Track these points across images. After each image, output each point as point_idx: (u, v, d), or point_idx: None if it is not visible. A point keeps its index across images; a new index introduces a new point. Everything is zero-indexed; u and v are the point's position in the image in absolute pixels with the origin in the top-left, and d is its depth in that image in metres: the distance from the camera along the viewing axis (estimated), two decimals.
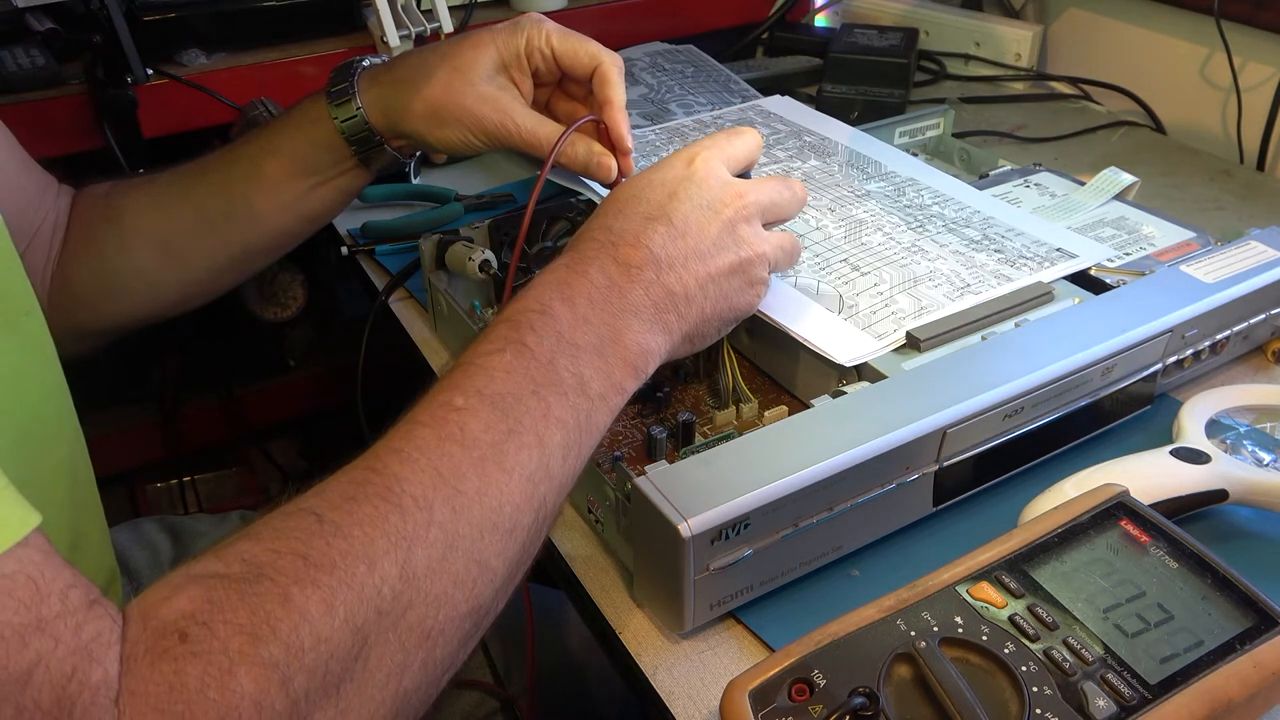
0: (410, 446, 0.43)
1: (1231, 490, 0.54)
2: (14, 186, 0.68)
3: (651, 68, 1.04)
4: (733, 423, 0.61)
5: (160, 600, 0.37)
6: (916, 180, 0.77)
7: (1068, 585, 0.46)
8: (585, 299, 0.49)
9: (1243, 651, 0.42)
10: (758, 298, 0.56)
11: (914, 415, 0.52)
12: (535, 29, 0.66)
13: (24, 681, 0.33)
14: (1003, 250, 0.68)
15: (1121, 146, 1.02)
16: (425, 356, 0.75)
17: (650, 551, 0.51)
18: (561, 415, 0.46)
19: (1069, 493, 0.52)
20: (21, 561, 0.35)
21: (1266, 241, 0.67)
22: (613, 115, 0.63)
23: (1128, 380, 0.60)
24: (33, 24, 0.98)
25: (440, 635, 0.41)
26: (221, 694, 0.34)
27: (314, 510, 0.40)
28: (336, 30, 1.06)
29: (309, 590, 0.37)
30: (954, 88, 1.16)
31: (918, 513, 0.56)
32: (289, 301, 1.27)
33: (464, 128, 0.65)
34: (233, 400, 1.32)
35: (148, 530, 0.85)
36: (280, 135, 0.70)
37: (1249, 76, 1.01)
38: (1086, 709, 0.40)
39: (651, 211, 0.53)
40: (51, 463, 0.56)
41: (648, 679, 0.50)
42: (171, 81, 0.96)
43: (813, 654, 0.43)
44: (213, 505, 1.38)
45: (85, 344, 0.73)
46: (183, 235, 0.71)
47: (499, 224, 0.74)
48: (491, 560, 0.43)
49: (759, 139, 0.59)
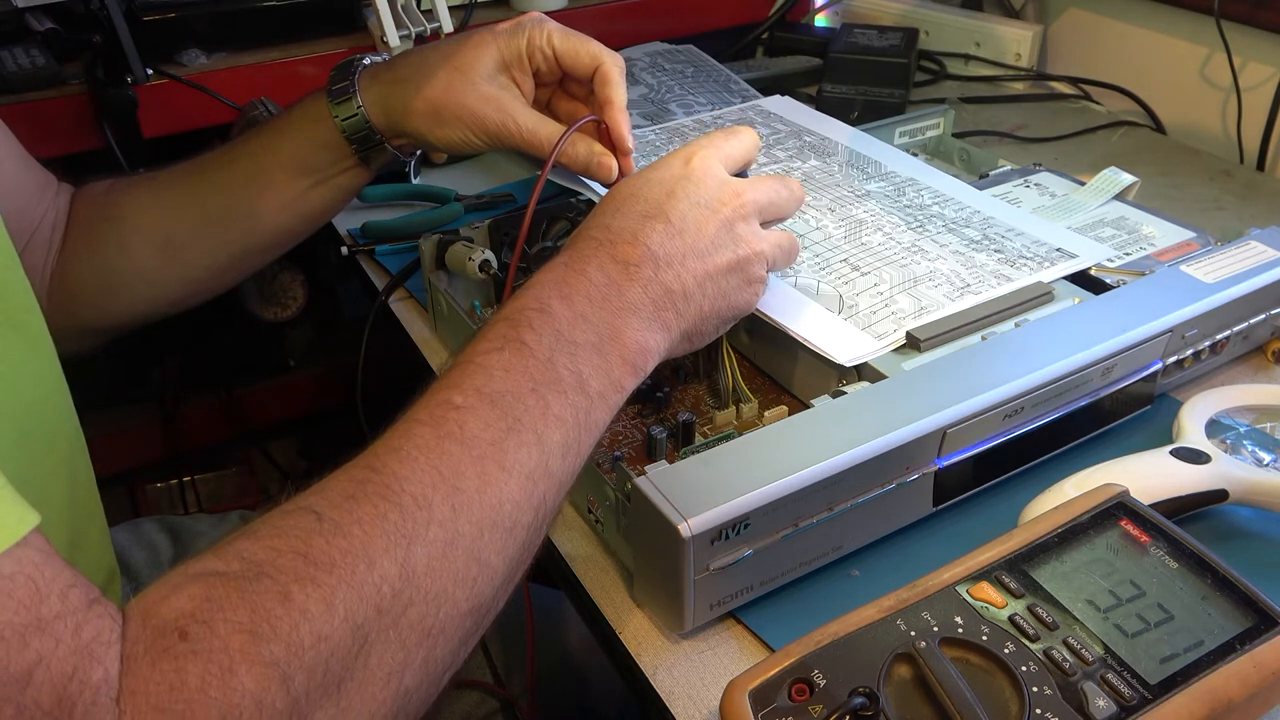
0: (409, 445, 0.43)
1: (1231, 490, 0.54)
2: (13, 185, 0.67)
3: (651, 68, 1.04)
4: (733, 423, 0.61)
5: (160, 599, 0.36)
6: (916, 180, 0.77)
7: (1068, 585, 0.46)
8: (584, 297, 0.49)
9: (1243, 651, 0.42)
10: (756, 296, 0.56)
11: (914, 415, 0.52)
12: (536, 29, 0.66)
13: (24, 682, 0.33)
14: (1003, 250, 0.68)
15: (1121, 146, 1.02)
16: (425, 356, 0.75)
17: (650, 551, 0.51)
18: (560, 413, 0.46)
19: (1069, 493, 0.52)
20: (21, 562, 0.35)
21: (1266, 241, 0.67)
22: (613, 115, 0.63)
23: (1128, 380, 0.60)
24: (33, 24, 0.98)
25: (441, 633, 0.41)
26: (222, 692, 0.34)
27: (313, 509, 0.40)
28: (336, 30, 1.06)
29: (309, 588, 0.37)
30: (954, 88, 1.16)
31: (918, 513, 0.56)
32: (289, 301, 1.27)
33: (465, 127, 0.65)
34: (233, 400, 1.32)
35: (147, 530, 0.85)
36: (280, 134, 0.70)
37: (1249, 76, 1.01)
38: (1086, 709, 0.40)
39: (649, 210, 0.53)
40: (51, 462, 0.56)
41: (648, 679, 0.50)
42: (171, 81, 0.96)
43: (813, 654, 0.43)
44: (213, 505, 1.38)
45: (85, 343, 0.73)
46: (183, 233, 0.71)
47: (499, 224, 0.74)
48: (491, 558, 0.42)
49: (756, 138, 0.59)
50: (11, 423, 0.52)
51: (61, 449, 0.57)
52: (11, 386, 0.52)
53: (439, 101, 0.64)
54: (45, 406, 0.56)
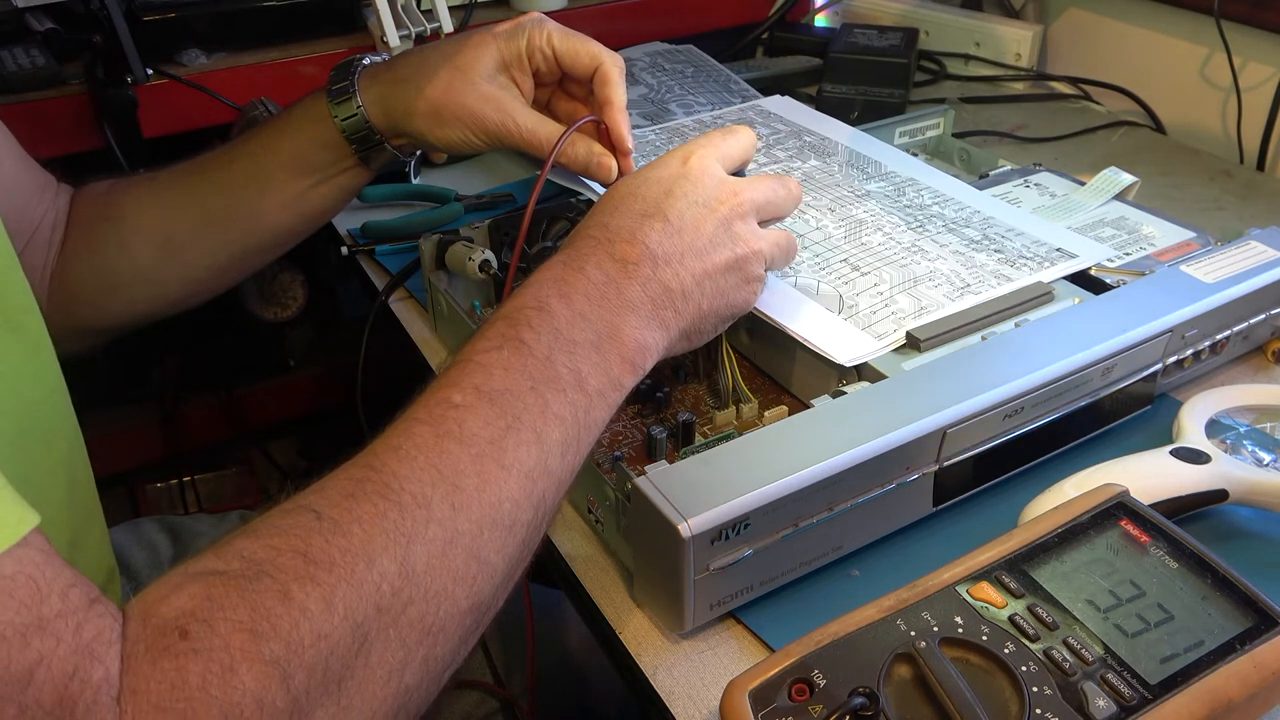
0: (409, 444, 0.43)
1: (1231, 490, 0.54)
2: (12, 185, 0.67)
3: (651, 68, 1.04)
4: (733, 423, 0.61)
5: (160, 598, 0.36)
6: (916, 180, 0.77)
7: (1068, 585, 0.46)
8: (582, 295, 0.50)
9: (1243, 651, 0.42)
10: (754, 294, 0.56)
11: (914, 415, 0.52)
12: (536, 29, 0.66)
13: (26, 681, 0.33)
14: (1003, 250, 0.68)
15: (1121, 146, 1.02)
16: (425, 356, 0.75)
17: (650, 551, 0.51)
18: (559, 411, 0.46)
19: (1069, 493, 0.52)
20: (21, 561, 0.35)
21: (1266, 241, 0.67)
22: (613, 115, 0.64)
23: (1128, 380, 0.60)
24: (33, 24, 0.98)
25: (441, 631, 0.41)
26: (223, 691, 0.34)
27: (313, 508, 0.40)
28: (336, 30, 1.06)
29: (308, 587, 0.37)
30: (954, 88, 1.16)
31: (918, 513, 0.56)
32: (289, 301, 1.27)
33: (465, 127, 0.65)
34: (233, 400, 1.32)
35: (147, 530, 0.85)
36: (280, 133, 0.70)
37: (1249, 76, 1.01)
38: (1086, 709, 0.40)
39: (647, 209, 0.53)
40: (50, 462, 0.56)
41: (648, 679, 0.50)
42: (171, 81, 0.96)
43: (813, 654, 0.43)
44: (213, 505, 1.38)
45: (85, 343, 0.73)
46: (183, 233, 0.71)
47: (499, 224, 0.74)
48: (491, 556, 0.43)
49: (753, 137, 0.60)
50: (10, 423, 0.52)
51: (60, 449, 0.58)
52: (10, 387, 0.52)
53: (439, 101, 0.65)
54: (44, 407, 0.56)
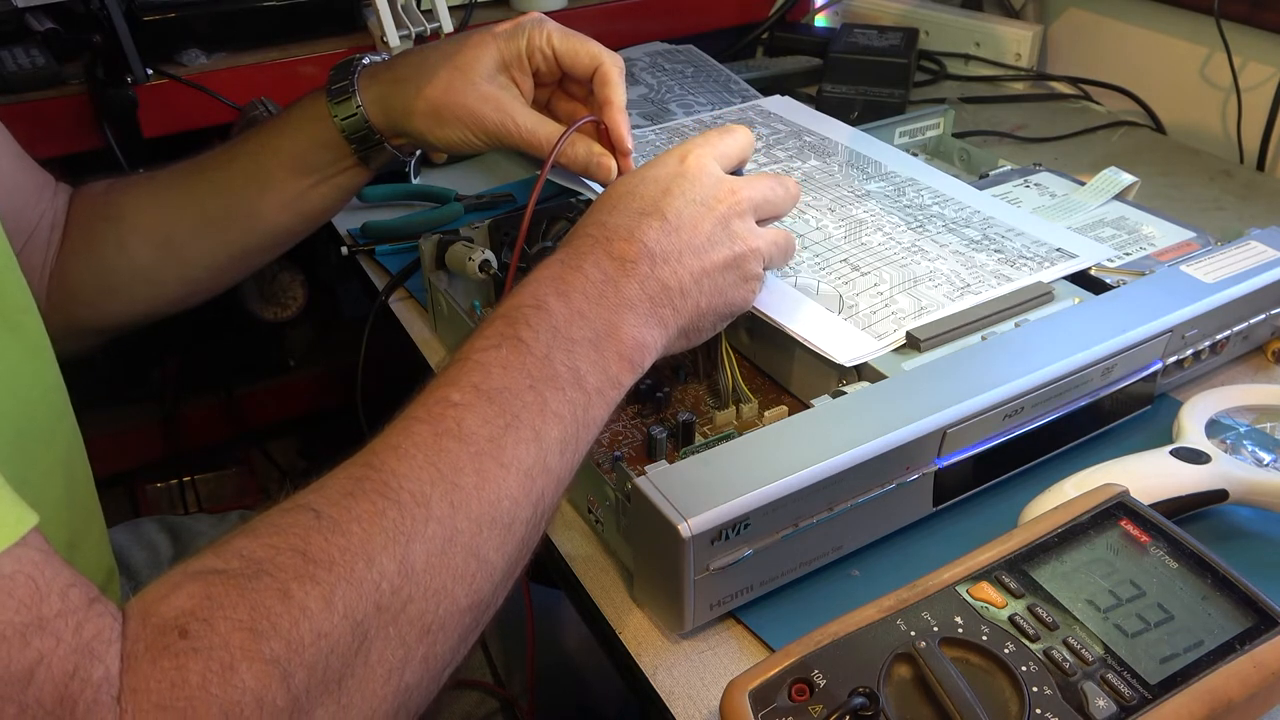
0: (408, 442, 0.43)
1: (1231, 490, 0.54)
2: (10, 184, 0.67)
3: (651, 68, 1.04)
4: (733, 423, 0.61)
5: (160, 598, 0.37)
6: (916, 180, 0.77)
7: (1068, 585, 0.46)
8: (580, 294, 0.50)
9: (1243, 651, 0.42)
10: (752, 293, 0.56)
11: (914, 415, 0.52)
12: (536, 29, 0.66)
13: (26, 681, 0.33)
14: (1003, 250, 0.68)
15: (1121, 146, 1.02)
16: (425, 356, 0.75)
17: (650, 551, 0.50)
18: (558, 410, 0.46)
19: (1069, 493, 0.52)
20: (20, 561, 0.35)
21: (1266, 241, 0.67)
22: (613, 116, 0.64)
23: (1128, 380, 0.60)
24: (33, 24, 0.98)
25: (440, 630, 0.41)
26: (223, 690, 0.34)
27: (312, 507, 0.40)
28: (336, 30, 1.06)
29: (308, 586, 0.37)
30: (954, 88, 1.16)
31: (918, 513, 0.56)
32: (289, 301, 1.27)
33: (464, 127, 0.65)
34: (233, 400, 1.32)
35: (147, 530, 0.85)
36: (280, 133, 0.70)
37: (1249, 76, 1.01)
38: (1086, 709, 0.40)
39: (645, 207, 0.53)
40: (48, 462, 0.56)
41: (647, 679, 0.50)
42: (171, 81, 0.96)
43: (813, 654, 0.43)
44: (212, 505, 1.38)
45: (84, 343, 0.73)
46: (182, 233, 0.71)
47: (499, 224, 0.74)
48: (490, 555, 0.43)
49: (751, 137, 0.60)
50: (9, 423, 0.52)
51: (59, 449, 0.58)
52: (9, 387, 0.52)
53: (439, 101, 0.65)
54: (42, 406, 0.56)
